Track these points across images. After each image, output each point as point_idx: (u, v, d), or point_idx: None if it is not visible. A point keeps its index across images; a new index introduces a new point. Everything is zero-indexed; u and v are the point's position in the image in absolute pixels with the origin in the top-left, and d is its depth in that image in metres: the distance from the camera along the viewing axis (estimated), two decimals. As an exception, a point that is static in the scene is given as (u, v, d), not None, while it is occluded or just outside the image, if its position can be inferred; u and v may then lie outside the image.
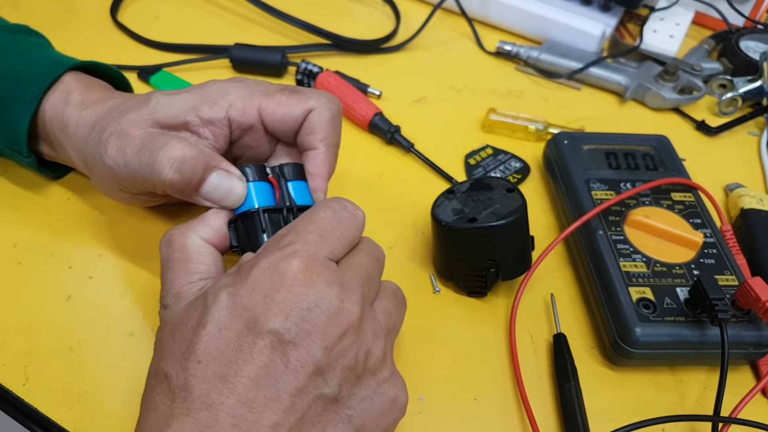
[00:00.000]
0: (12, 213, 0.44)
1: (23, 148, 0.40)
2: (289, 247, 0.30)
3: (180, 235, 0.34)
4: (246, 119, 0.38)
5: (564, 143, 0.50)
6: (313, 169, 0.38)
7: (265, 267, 0.29)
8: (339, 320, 0.29)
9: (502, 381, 0.39)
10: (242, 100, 0.37)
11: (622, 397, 0.39)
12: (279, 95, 0.38)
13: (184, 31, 0.62)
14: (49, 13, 0.62)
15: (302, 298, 0.28)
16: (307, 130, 0.38)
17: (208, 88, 0.38)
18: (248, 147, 0.40)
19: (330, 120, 0.38)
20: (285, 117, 0.38)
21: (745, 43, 0.64)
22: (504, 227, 0.39)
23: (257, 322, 0.28)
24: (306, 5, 0.67)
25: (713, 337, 0.38)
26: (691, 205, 0.45)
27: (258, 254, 0.31)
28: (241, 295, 0.29)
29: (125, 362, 0.37)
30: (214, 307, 0.29)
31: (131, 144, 0.35)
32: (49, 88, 0.40)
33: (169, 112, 0.37)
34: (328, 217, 0.32)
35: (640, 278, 0.40)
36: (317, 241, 0.31)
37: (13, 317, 0.38)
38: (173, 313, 0.31)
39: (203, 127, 0.37)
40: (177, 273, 0.32)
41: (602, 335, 0.40)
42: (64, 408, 0.35)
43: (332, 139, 0.38)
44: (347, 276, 0.31)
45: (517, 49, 0.63)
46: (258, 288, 0.29)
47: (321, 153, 0.38)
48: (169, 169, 0.34)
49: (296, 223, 0.32)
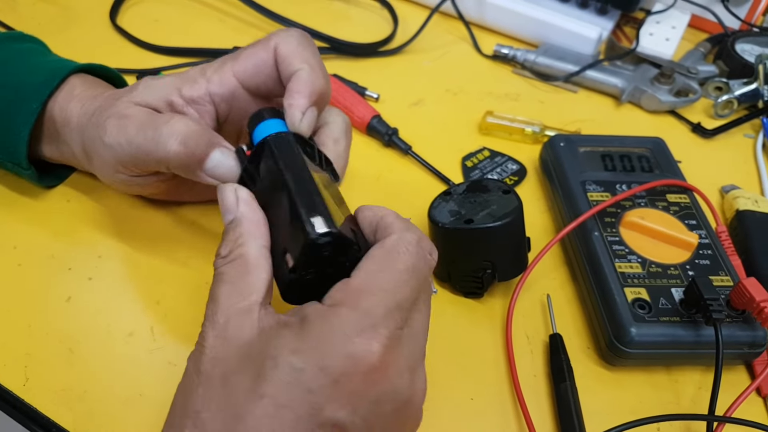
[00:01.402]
0: (12, 215, 0.44)
1: (23, 161, 0.41)
2: (368, 323, 0.26)
3: (239, 245, 0.30)
4: (225, 88, 0.38)
5: (560, 145, 0.50)
6: (293, 86, 0.35)
7: (341, 347, 0.26)
8: (404, 412, 0.28)
9: (498, 381, 0.39)
10: (216, 72, 0.38)
11: (618, 397, 0.39)
12: (244, 51, 0.38)
13: (183, 34, 0.62)
14: (48, 17, 0.62)
15: (374, 390, 0.26)
16: (282, 63, 0.36)
17: (189, 71, 0.39)
18: (242, 119, 0.39)
19: (298, 44, 0.37)
20: (257, 66, 0.37)
21: (741, 45, 0.65)
22: (500, 228, 0.39)
23: (322, 410, 0.25)
24: (304, 9, 0.67)
25: (708, 337, 0.38)
26: (686, 206, 0.46)
27: (329, 316, 0.27)
28: (308, 374, 0.25)
29: (125, 363, 0.37)
30: (273, 378, 0.25)
31: (132, 122, 0.36)
32: (51, 96, 0.40)
33: (155, 94, 0.38)
34: (409, 267, 0.28)
35: (635, 279, 0.41)
36: (396, 312, 0.27)
37: (13, 318, 0.39)
38: (221, 352, 0.28)
39: (187, 106, 0.38)
40: (230, 289, 0.29)
41: (598, 335, 0.41)
42: (64, 408, 0.35)
43: (309, 57, 0.36)
44: (414, 349, 0.28)
45: (514, 53, 0.63)
46: (328, 371, 0.25)
47: (303, 71, 0.36)
48: (173, 141, 0.35)
49: (375, 277, 0.28)
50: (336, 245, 0.29)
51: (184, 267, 0.42)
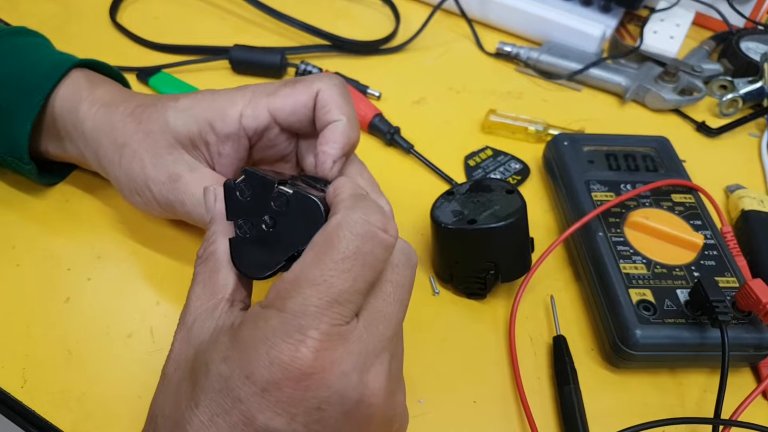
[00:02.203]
0: (11, 215, 0.44)
1: (24, 155, 0.41)
2: (294, 326, 0.24)
3: (211, 242, 0.30)
4: (259, 123, 0.37)
5: (564, 144, 0.49)
6: (329, 134, 0.35)
7: (264, 354, 0.24)
8: (358, 414, 0.25)
9: (501, 383, 0.39)
10: (250, 106, 0.37)
11: (623, 400, 0.39)
12: (283, 89, 0.37)
13: (184, 32, 0.62)
14: (48, 14, 0.62)
15: (311, 395, 0.24)
16: (321, 110, 0.36)
17: (218, 100, 0.37)
18: (267, 148, 0.39)
19: (339, 94, 0.37)
20: (295, 107, 0.37)
21: (746, 44, 0.64)
22: (503, 229, 0.39)
23: (255, 419, 0.24)
24: (305, 6, 0.67)
25: (713, 339, 0.37)
26: (691, 206, 0.45)
27: (257, 320, 0.25)
28: (235, 383, 0.24)
29: (124, 364, 0.37)
30: (206, 386, 0.25)
31: (189, 192, 0.37)
32: (53, 90, 0.40)
33: (187, 131, 0.37)
34: (349, 254, 0.25)
35: (640, 280, 0.40)
36: (334, 307, 0.25)
37: (11, 319, 0.38)
38: (182, 355, 0.28)
39: (222, 144, 0.37)
40: (201, 289, 0.29)
41: (602, 337, 0.40)
42: (63, 410, 0.35)
43: (346, 110, 0.36)
44: (369, 344, 0.26)
45: (517, 50, 0.63)
46: (254, 378, 0.24)
47: (341, 123, 0.36)
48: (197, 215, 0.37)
49: (305, 271, 0.25)
50: (254, 182, 0.29)
51: (183, 267, 0.42)
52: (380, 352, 0.26)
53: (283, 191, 0.29)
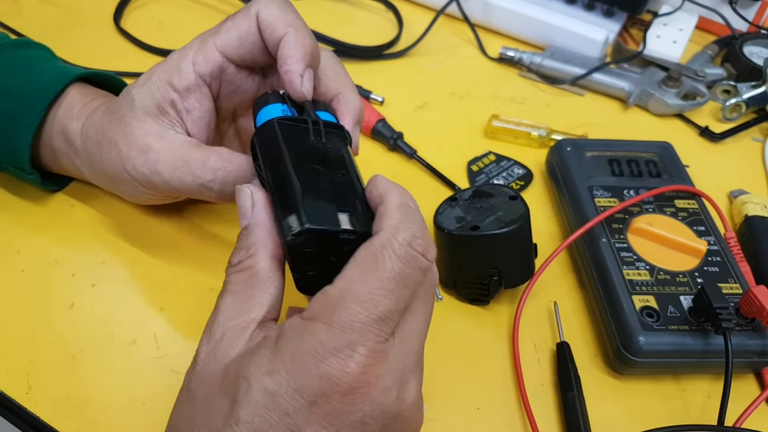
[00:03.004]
0: (16, 221, 0.44)
1: (26, 165, 0.41)
2: (344, 341, 0.25)
3: (250, 255, 0.29)
4: (212, 65, 0.37)
5: (567, 150, 0.49)
6: (282, 52, 0.34)
7: (313, 367, 0.24)
8: (395, 428, 0.26)
9: (505, 390, 0.39)
10: (200, 51, 0.37)
11: (626, 406, 0.39)
12: (225, 24, 0.37)
13: (188, 37, 0.61)
14: (52, 19, 0.62)
15: (356, 408, 0.25)
16: (266, 31, 0.35)
17: (170, 59, 0.37)
18: (232, 92, 0.39)
19: (278, 8, 0.36)
20: (240, 36, 0.36)
21: (749, 48, 0.64)
22: (507, 235, 0.39)
23: None
24: (309, 11, 0.67)
25: (717, 345, 0.37)
26: (694, 212, 0.45)
27: (303, 333, 0.25)
28: (282, 396, 0.24)
29: (128, 370, 0.37)
30: (248, 401, 0.25)
31: (161, 162, 0.36)
32: (53, 102, 0.40)
33: (151, 98, 0.37)
34: (394, 276, 0.26)
35: (643, 286, 0.40)
36: (378, 324, 0.25)
37: (16, 325, 0.39)
38: (208, 370, 0.27)
39: (186, 99, 0.37)
40: (233, 302, 0.28)
41: (606, 344, 0.40)
42: (68, 417, 0.35)
43: (293, 21, 0.35)
44: (405, 359, 0.27)
45: (520, 55, 0.63)
46: (304, 391, 0.24)
47: (289, 35, 0.34)
48: (215, 190, 0.36)
49: (352, 287, 0.26)
50: (317, 239, 0.28)
51: (188, 273, 0.42)
52: (413, 368, 0.27)
53: (346, 239, 0.28)
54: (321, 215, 0.28)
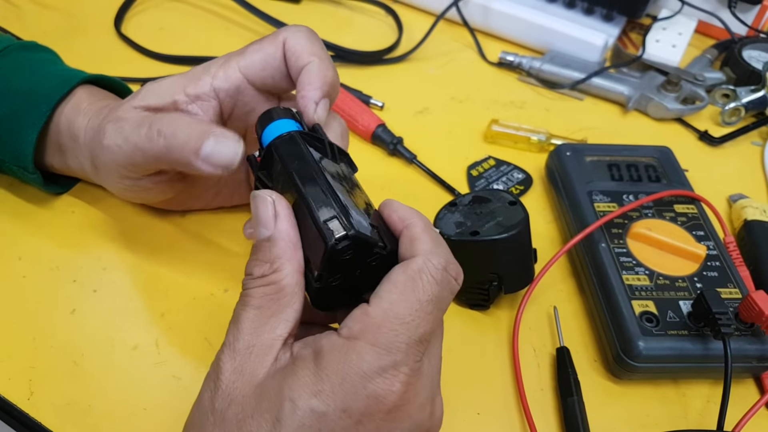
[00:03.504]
0: (17, 226, 0.44)
1: (29, 164, 0.41)
2: (389, 361, 0.26)
3: (275, 269, 0.29)
4: (230, 83, 0.38)
5: (566, 155, 0.50)
6: (303, 78, 0.35)
7: (362, 387, 0.25)
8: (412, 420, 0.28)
9: (504, 395, 0.39)
10: (221, 68, 0.38)
11: (626, 411, 0.39)
12: (251, 46, 0.38)
13: (188, 42, 0.62)
14: (53, 25, 0.62)
15: (397, 425, 0.26)
16: (292, 58, 0.36)
17: (193, 69, 0.38)
18: (246, 113, 0.39)
19: (306, 38, 0.37)
20: (265, 61, 0.37)
21: (748, 52, 0.64)
22: (506, 240, 0.39)
23: None
24: (309, 16, 0.67)
25: (716, 350, 0.38)
26: (694, 217, 0.45)
27: (348, 352, 0.26)
28: (330, 417, 0.25)
29: (129, 376, 0.37)
30: (293, 422, 0.25)
31: (128, 123, 0.36)
32: (60, 102, 0.41)
33: (159, 95, 0.37)
34: (432, 298, 0.27)
35: (642, 291, 0.40)
36: (418, 345, 0.27)
37: (17, 331, 0.39)
38: (237, 390, 0.27)
39: (191, 103, 0.37)
40: (257, 317, 0.28)
41: (605, 348, 0.40)
42: (69, 423, 0.35)
43: (318, 51, 0.36)
44: (433, 377, 0.28)
45: (520, 60, 0.63)
46: (351, 411, 0.25)
47: (313, 64, 0.36)
48: (166, 135, 0.34)
49: (394, 309, 0.27)
50: (358, 246, 0.28)
51: (188, 279, 0.42)
52: (438, 383, 0.29)
53: (378, 254, 0.29)
54: (360, 225, 0.29)
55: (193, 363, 0.38)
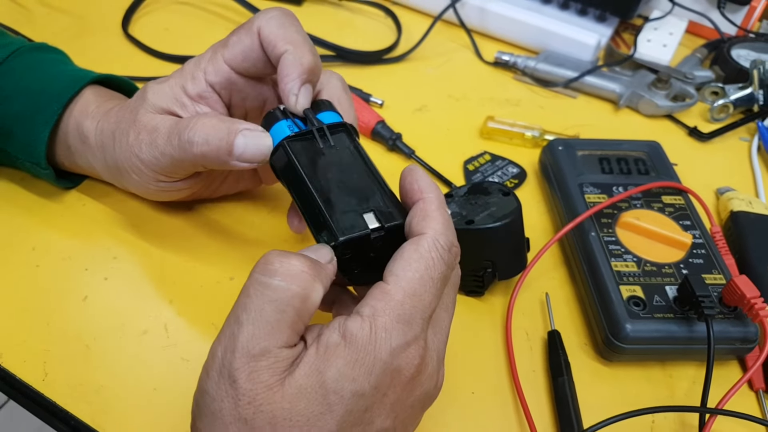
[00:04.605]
0: (30, 218, 0.46)
1: (42, 161, 0.43)
2: (411, 336, 0.28)
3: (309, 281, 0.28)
4: (221, 76, 0.39)
5: (559, 149, 0.51)
6: (281, 70, 0.36)
7: (389, 362, 0.27)
8: (428, 405, 0.31)
9: (498, 376, 0.40)
10: (210, 62, 0.39)
11: (614, 391, 0.40)
12: (231, 38, 0.39)
13: (193, 43, 0.64)
14: (62, 26, 0.64)
15: (412, 395, 0.29)
16: (268, 47, 0.37)
17: (186, 66, 0.40)
18: (243, 100, 0.41)
19: (279, 25, 0.37)
20: (244, 52, 0.38)
21: (737, 51, 0.66)
22: (500, 229, 0.40)
23: (373, 424, 0.27)
24: (311, 18, 0.69)
25: (701, 333, 0.39)
26: (681, 207, 0.47)
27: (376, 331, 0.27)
28: (368, 396, 0.27)
29: (139, 359, 0.39)
30: (341, 411, 0.26)
31: (160, 135, 0.38)
32: (70, 102, 0.42)
33: (165, 98, 0.39)
34: (441, 277, 0.29)
35: (630, 277, 0.42)
36: (429, 321, 0.29)
37: (32, 316, 0.40)
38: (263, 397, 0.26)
39: (196, 103, 0.39)
40: (279, 326, 0.27)
41: (595, 332, 0.42)
42: (82, 402, 0.37)
43: (292, 36, 0.36)
44: (440, 348, 0.30)
45: (515, 59, 0.65)
46: (380, 386, 0.27)
47: (288, 53, 0.36)
48: (198, 143, 0.36)
49: (412, 287, 0.28)
50: (353, 245, 0.31)
51: (196, 267, 0.44)
52: (443, 355, 0.31)
53: (377, 237, 0.31)
54: (349, 223, 0.31)
55: (201, 346, 0.40)
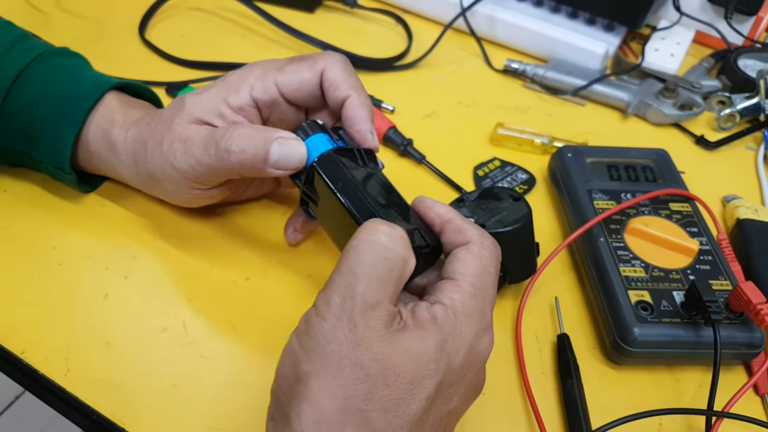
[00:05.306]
0: (51, 218, 0.47)
1: (66, 166, 0.44)
2: (486, 324, 0.32)
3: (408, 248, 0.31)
4: (267, 96, 0.41)
5: (568, 156, 0.52)
6: (353, 113, 0.40)
7: (474, 345, 0.31)
8: (479, 391, 0.34)
9: (508, 377, 0.41)
10: (260, 80, 0.41)
11: (622, 394, 0.41)
12: (290, 66, 0.41)
13: (208, 49, 0.65)
14: (80, 31, 0.65)
15: (482, 377, 0.33)
16: (330, 88, 0.40)
17: (230, 78, 0.41)
18: (279, 121, 0.43)
19: (344, 70, 0.41)
20: (300, 84, 0.41)
21: (743, 61, 0.67)
22: (510, 233, 0.41)
23: (451, 403, 0.30)
24: (323, 25, 0.70)
25: (707, 337, 0.40)
26: (688, 214, 0.48)
27: (460, 317, 0.30)
28: (455, 372, 0.30)
29: (159, 356, 0.40)
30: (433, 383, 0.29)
31: (196, 144, 0.39)
32: (93, 107, 0.43)
33: (204, 108, 0.40)
34: (494, 271, 0.34)
35: (638, 282, 0.43)
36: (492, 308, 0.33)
37: (54, 314, 0.41)
38: (382, 352, 0.28)
39: (236, 114, 0.40)
40: (389, 283, 0.30)
41: (603, 335, 0.43)
42: (103, 397, 0.38)
43: (355, 83, 0.41)
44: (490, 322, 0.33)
45: (524, 67, 0.66)
46: (464, 366, 0.30)
47: (354, 98, 0.40)
48: (235, 151, 0.37)
49: (481, 280, 0.32)
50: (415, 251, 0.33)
51: (213, 266, 0.45)
52: (491, 322, 0.34)
53: (426, 252, 0.35)
54: None
55: (219, 344, 0.41)
